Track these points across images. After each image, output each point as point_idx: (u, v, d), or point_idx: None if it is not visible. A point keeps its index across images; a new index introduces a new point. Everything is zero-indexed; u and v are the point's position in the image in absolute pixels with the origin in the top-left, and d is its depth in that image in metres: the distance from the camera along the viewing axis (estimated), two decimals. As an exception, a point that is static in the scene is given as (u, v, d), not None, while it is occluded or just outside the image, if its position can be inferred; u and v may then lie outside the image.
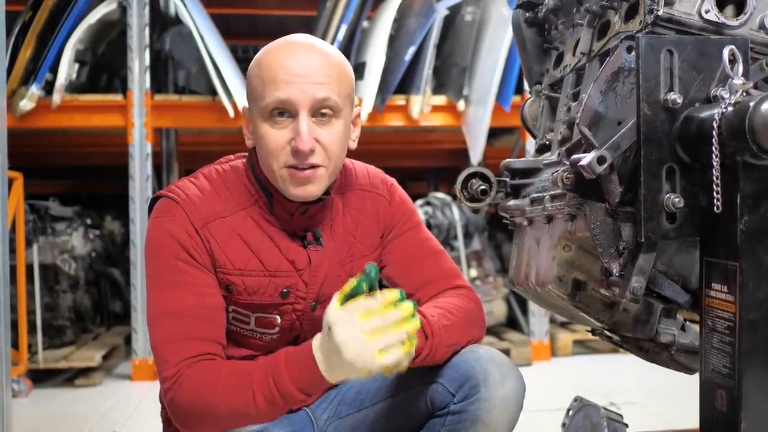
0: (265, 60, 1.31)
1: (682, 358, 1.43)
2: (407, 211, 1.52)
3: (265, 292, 1.35)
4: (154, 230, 1.34)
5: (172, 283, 1.30)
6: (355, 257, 1.44)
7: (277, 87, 1.28)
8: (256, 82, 1.31)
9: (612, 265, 1.18)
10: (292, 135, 1.29)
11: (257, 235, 1.36)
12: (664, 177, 1.11)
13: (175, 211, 1.32)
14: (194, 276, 1.31)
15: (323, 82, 1.29)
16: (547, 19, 1.58)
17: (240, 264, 1.34)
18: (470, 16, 3.95)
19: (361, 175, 1.51)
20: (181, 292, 1.29)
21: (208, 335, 1.29)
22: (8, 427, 2.35)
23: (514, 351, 3.70)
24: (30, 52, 3.51)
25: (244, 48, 4.35)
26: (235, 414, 1.22)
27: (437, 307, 1.37)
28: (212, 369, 1.25)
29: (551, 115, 1.58)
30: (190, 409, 1.24)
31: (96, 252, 4.14)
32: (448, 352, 1.34)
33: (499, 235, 4.42)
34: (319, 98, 1.28)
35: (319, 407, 1.47)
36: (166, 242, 1.31)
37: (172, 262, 1.30)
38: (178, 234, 1.31)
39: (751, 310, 1.07)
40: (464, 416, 1.30)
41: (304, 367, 1.19)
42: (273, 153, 1.30)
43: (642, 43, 1.11)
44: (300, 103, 1.28)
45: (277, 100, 1.28)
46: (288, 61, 1.29)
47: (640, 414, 2.81)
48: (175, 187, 1.37)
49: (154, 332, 1.30)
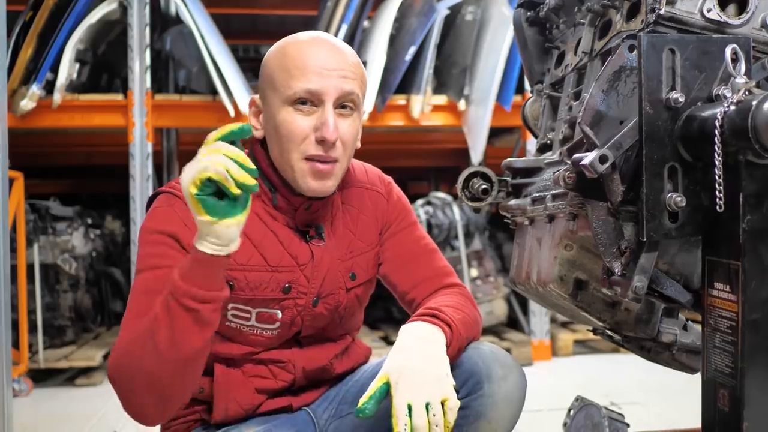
0: (291, 50, 1.32)
1: (683, 358, 1.43)
2: (403, 210, 1.53)
3: (267, 287, 1.35)
4: (149, 219, 1.32)
5: (152, 266, 1.26)
6: (355, 254, 1.44)
7: (306, 77, 1.29)
8: (280, 71, 1.31)
9: (614, 264, 1.18)
10: (317, 124, 1.30)
11: (260, 230, 1.36)
12: (666, 176, 1.11)
13: (174, 202, 1.31)
14: (176, 259, 1.25)
15: (349, 76, 1.32)
16: (548, 18, 1.58)
17: (242, 259, 1.33)
18: (471, 15, 3.95)
19: (359, 173, 1.52)
20: (159, 272, 1.24)
21: None
22: (9, 427, 2.36)
23: (514, 351, 3.70)
24: (31, 52, 3.51)
25: (244, 48, 4.35)
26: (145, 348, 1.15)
27: (445, 306, 1.37)
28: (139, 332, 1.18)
29: (552, 114, 1.58)
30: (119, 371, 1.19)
31: (97, 251, 4.14)
32: (463, 345, 1.35)
33: (499, 235, 4.41)
34: (346, 90, 1.31)
35: (319, 407, 1.46)
36: (155, 229, 1.29)
37: (159, 247, 1.28)
38: (172, 222, 1.29)
39: (753, 309, 1.07)
40: (467, 412, 1.30)
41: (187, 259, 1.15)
42: (295, 140, 1.30)
43: (644, 42, 1.11)
44: (329, 94, 1.29)
45: (306, 90, 1.29)
46: (318, 52, 1.31)
47: (641, 414, 2.81)
48: (176, 183, 1.34)
49: (126, 312, 1.26)
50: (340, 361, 1.48)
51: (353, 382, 1.47)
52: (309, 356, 1.42)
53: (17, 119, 3.50)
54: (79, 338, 3.87)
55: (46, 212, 3.77)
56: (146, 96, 3.60)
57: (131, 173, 3.59)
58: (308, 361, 1.42)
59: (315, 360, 1.43)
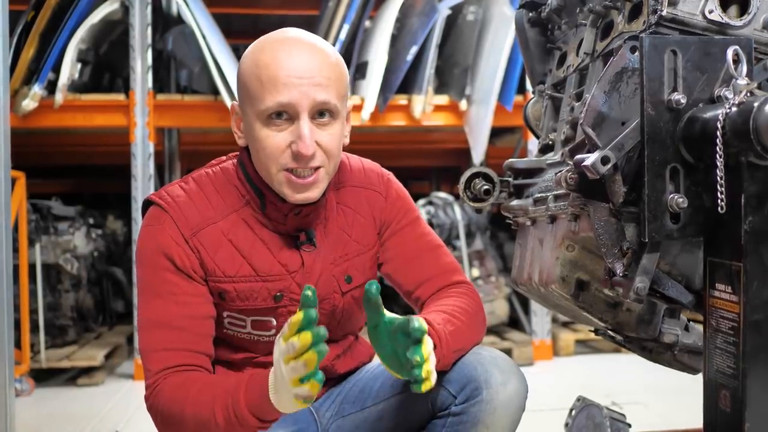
0: (262, 58, 1.27)
1: (685, 359, 1.43)
2: (404, 207, 1.50)
3: (258, 296, 1.35)
4: (143, 239, 1.34)
5: (157, 293, 1.31)
6: (350, 256, 1.42)
7: (277, 90, 1.24)
8: (253, 83, 1.27)
9: (616, 265, 1.18)
10: (292, 138, 1.26)
11: (248, 239, 1.34)
12: (668, 177, 1.11)
13: (163, 219, 1.32)
14: (179, 286, 1.31)
15: (323, 83, 1.26)
16: (550, 19, 1.58)
17: (231, 271, 1.33)
18: (472, 15, 3.94)
19: (356, 171, 1.48)
20: (166, 302, 1.30)
21: (189, 346, 1.30)
22: (11, 426, 2.36)
23: (516, 351, 3.70)
24: (32, 52, 3.51)
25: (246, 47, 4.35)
26: (199, 428, 1.23)
27: (442, 312, 1.35)
28: (185, 382, 1.26)
29: (554, 115, 1.58)
30: (164, 419, 1.28)
31: (98, 251, 4.14)
32: (454, 357, 1.33)
33: (501, 235, 4.41)
34: (319, 100, 1.26)
35: (321, 406, 1.47)
36: (152, 251, 1.31)
37: (159, 272, 1.31)
38: (166, 244, 1.31)
39: (755, 310, 1.07)
40: (465, 418, 1.30)
41: (258, 394, 1.18)
42: (271, 156, 1.27)
43: (646, 43, 1.11)
44: (301, 106, 1.25)
45: (278, 104, 1.25)
46: (288, 61, 1.25)
47: (643, 414, 2.80)
48: (165, 194, 1.35)
49: (140, 339, 1.34)
50: (343, 361, 1.48)
51: (356, 382, 1.48)
52: None
53: (19, 119, 3.50)
54: (80, 338, 3.87)
55: (47, 212, 3.77)
56: (148, 96, 3.60)
57: (133, 173, 3.59)
58: None
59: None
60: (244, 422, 1.19)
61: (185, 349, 1.29)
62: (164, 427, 1.30)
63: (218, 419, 1.20)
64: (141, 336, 1.33)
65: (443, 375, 1.34)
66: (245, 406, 1.19)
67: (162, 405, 1.27)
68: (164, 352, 1.29)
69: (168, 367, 1.28)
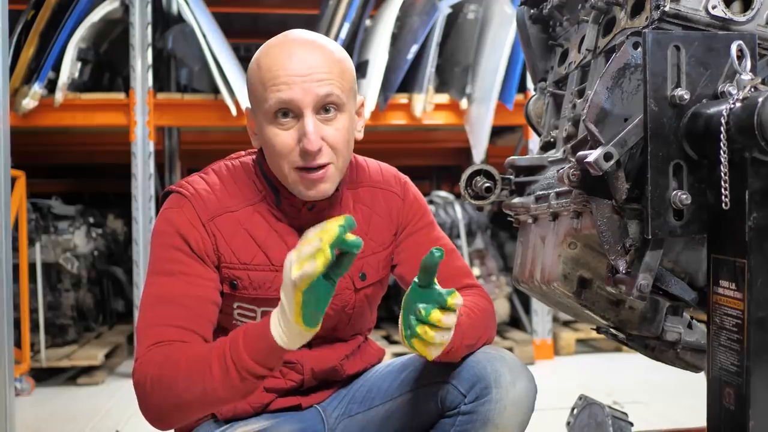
0: (264, 61, 1.30)
1: (688, 357, 1.43)
2: (420, 210, 1.51)
3: (270, 286, 1.35)
4: (160, 221, 1.35)
5: (167, 271, 1.30)
6: (366, 254, 1.42)
7: (278, 89, 1.26)
8: (257, 85, 1.30)
9: (618, 262, 1.17)
10: (299, 135, 1.28)
11: (264, 230, 1.36)
12: (671, 173, 1.11)
13: (182, 203, 1.33)
14: (190, 266, 1.30)
15: (324, 78, 1.27)
16: (551, 15, 1.58)
17: (246, 258, 1.33)
18: (473, 14, 3.94)
19: (374, 172, 1.50)
20: (173, 279, 1.29)
21: (188, 325, 1.26)
22: (11, 426, 2.36)
23: (517, 350, 3.69)
24: (32, 51, 3.51)
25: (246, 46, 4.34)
26: (192, 385, 1.17)
27: None
28: (179, 348, 1.22)
29: (556, 112, 1.58)
30: (152, 386, 1.19)
31: (98, 250, 4.14)
32: (465, 350, 1.33)
33: (501, 234, 4.41)
34: (321, 95, 1.27)
35: (329, 405, 1.46)
36: (168, 232, 1.32)
37: (171, 251, 1.31)
38: (182, 225, 1.31)
39: (759, 307, 1.07)
40: (475, 417, 1.30)
41: (259, 333, 1.14)
42: (281, 155, 1.29)
43: (649, 39, 1.10)
44: (303, 103, 1.26)
45: (280, 102, 1.26)
46: (288, 61, 1.27)
47: (644, 413, 2.80)
48: (185, 182, 1.37)
49: (140, 317, 1.29)
50: (352, 362, 1.47)
51: (363, 382, 1.47)
52: (318, 357, 1.41)
53: (19, 118, 3.50)
54: (80, 337, 3.87)
55: (48, 211, 3.77)
56: (148, 95, 3.60)
57: (133, 172, 3.60)
58: (317, 362, 1.41)
59: (324, 360, 1.42)
60: (241, 366, 1.13)
61: (185, 327, 1.25)
62: (151, 396, 1.20)
63: (214, 371, 1.14)
64: (142, 314, 1.28)
65: (451, 372, 1.34)
66: (243, 349, 1.13)
67: (151, 371, 1.20)
68: (161, 327, 1.24)
69: (163, 340, 1.23)
